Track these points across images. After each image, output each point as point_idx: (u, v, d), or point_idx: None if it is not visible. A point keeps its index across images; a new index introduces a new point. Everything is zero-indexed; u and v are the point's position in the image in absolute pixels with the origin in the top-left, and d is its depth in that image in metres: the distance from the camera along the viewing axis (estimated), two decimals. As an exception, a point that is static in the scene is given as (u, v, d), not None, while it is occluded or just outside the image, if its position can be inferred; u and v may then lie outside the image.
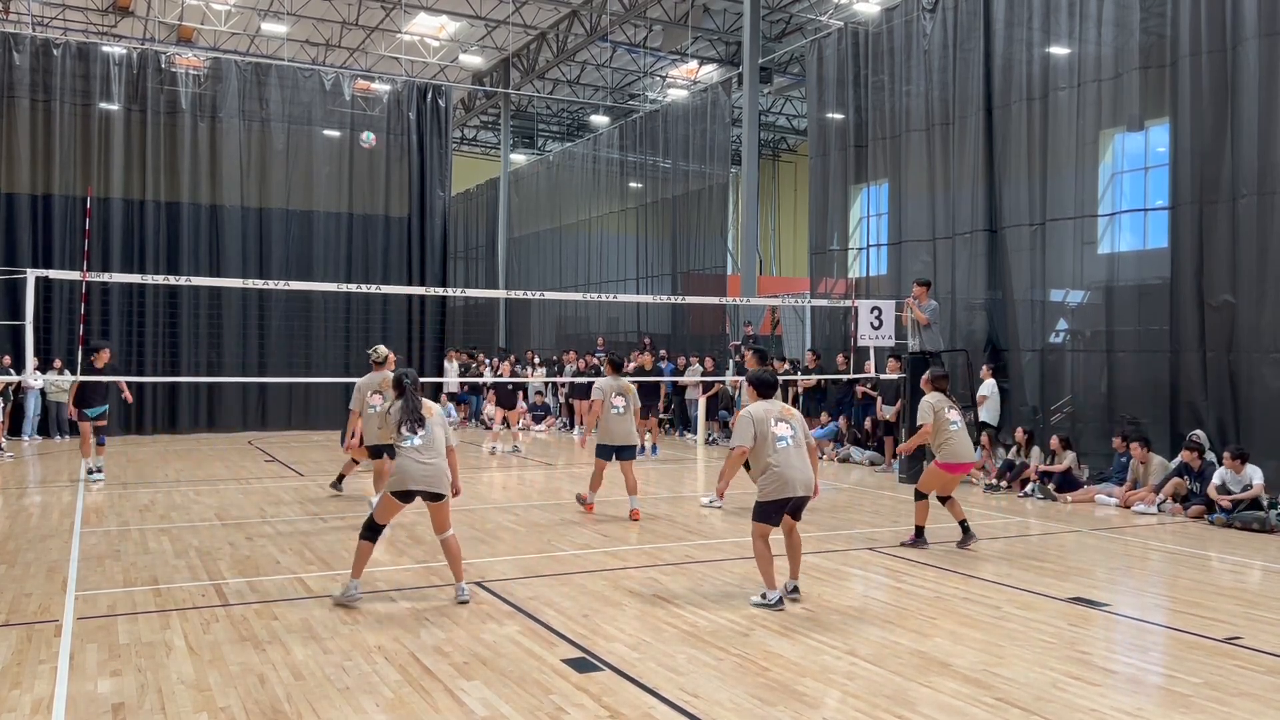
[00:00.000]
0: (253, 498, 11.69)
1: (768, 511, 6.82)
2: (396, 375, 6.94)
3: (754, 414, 6.84)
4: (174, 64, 20.24)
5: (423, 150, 22.37)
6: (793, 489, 6.74)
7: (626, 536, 9.53)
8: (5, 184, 18.75)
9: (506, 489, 12.93)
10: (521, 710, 4.83)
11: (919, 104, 16.31)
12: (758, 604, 6.75)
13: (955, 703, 5.00)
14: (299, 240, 21.17)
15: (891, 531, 9.94)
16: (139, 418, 19.54)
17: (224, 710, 4.79)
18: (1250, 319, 11.66)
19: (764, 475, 6.79)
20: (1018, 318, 14.52)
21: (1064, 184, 14.00)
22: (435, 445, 6.71)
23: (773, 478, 6.74)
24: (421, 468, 6.61)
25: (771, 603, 6.71)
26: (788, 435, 6.81)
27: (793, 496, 6.77)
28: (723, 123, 22.71)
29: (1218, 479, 10.66)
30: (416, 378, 6.97)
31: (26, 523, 9.85)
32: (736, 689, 5.17)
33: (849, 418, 16.51)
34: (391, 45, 28.92)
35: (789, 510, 6.88)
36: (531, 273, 31.62)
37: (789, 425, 6.86)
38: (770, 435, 6.76)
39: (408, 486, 6.59)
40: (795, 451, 6.80)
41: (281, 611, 6.50)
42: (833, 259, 18.43)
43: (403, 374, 6.88)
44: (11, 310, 15.31)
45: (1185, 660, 5.80)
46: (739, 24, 24.92)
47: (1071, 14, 13.83)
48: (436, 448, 6.71)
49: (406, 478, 6.58)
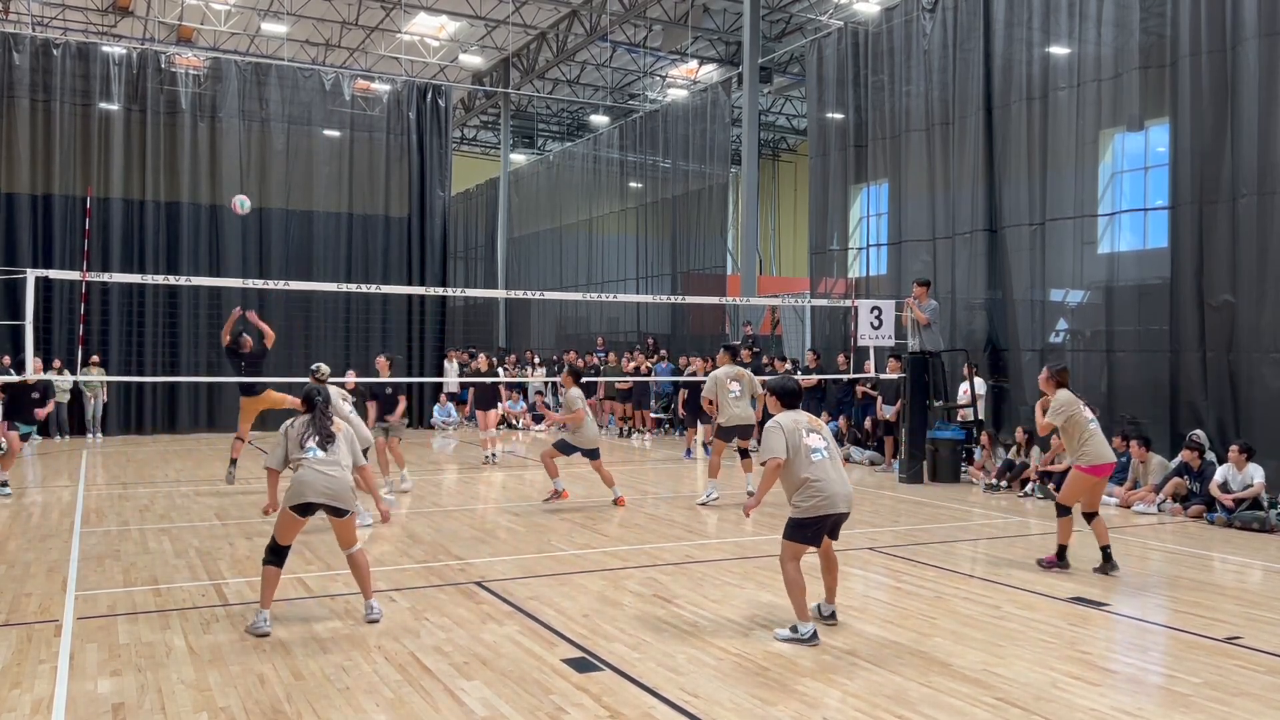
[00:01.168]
0: (253, 498, 11.69)
1: (805, 531, 6.10)
2: (307, 391, 6.55)
3: (783, 424, 6.20)
4: (174, 64, 20.23)
5: (423, 150, 22.36)
6: (834, 505, 6.09)
7: (626, 536, 9.53)
8: (5, 184, 18.73)
9: (506, 489, 12.93)
10: (521, 710, 4.83)
11: (919, 104, 16.31)
12: (786, 638, 6.00)
13: (955, 703, 5.01)
14: (299, 240, 21.14)
15: (891, 531, 9.95)
16: (139, 418, 19.55)
17: (224, 710, 4.79)
18: (1250, 319, 11.66)
19: (801, 491, 6.08)
20: (1018, 318, 14.52)
21: (1064, 184, 14.00)
22: (340, 460, 6.29)
23: (813, 492, 6.04)
24: (323, 479, 6.13)
25: (805, 637, 5.96)
26: (822, 447, 6.17)
27: (834, 513, 6.12)
28: (723, 123, 22.71)
29: (1220, 476, 10.66)
30: (328, 395, 6.65)
31: (26, 523, 9.85)
32: (736, 689, 5.17)
33: (849, 417, 16.51)
34: (391, 45, 28.92)
35: (829, 530, 6.24)
36: (531, 273, 31.62)
37: (820, 436, 6.24)
38: (804, 447, 6.11)
39: (306, 499, 6.11)
40: (832, 464, 6.17)
41: (281, 611, 6.50)
42: (833, 259, 18.43)
43: (314, 390, 6.54)
44: (11, 310, 15.30)
45: (1185, 660, 5.80)
46: (739, 24, 24.92)
47: (1071, 14, 13.83)
48: (341, 462, 6.30)
49: (305, 489, 6.10)
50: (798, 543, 6.11)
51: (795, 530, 6.12)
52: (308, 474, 6.15)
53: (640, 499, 11.74)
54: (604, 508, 10.91)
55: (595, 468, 11.13)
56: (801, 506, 6.09)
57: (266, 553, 6.23)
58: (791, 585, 6.07)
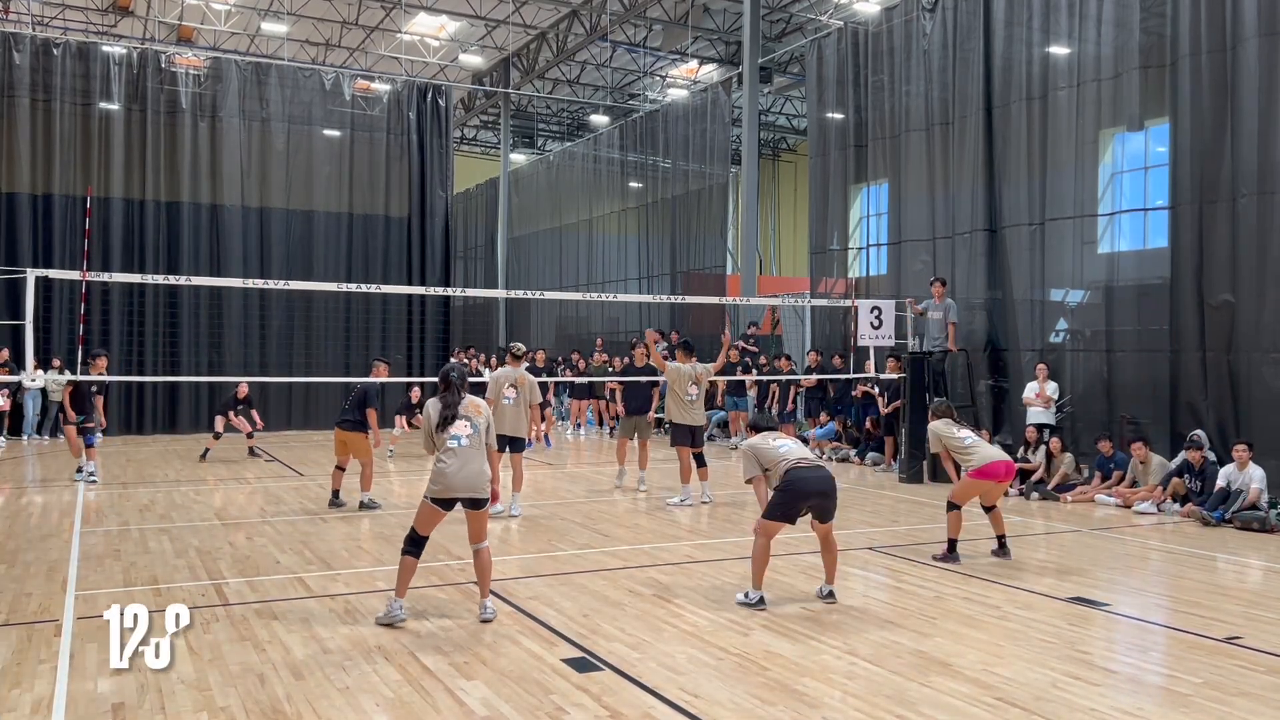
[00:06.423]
0: (253, 498, 11.70)
1: (775, 509, 6.75)
2: (444, 370, 6.51)
3: (754, 444, 7.05)
4: (174, 64, 20.23)
5: (423, 150, 22.36)
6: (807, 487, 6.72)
7: (626, 536, 9.53)
8: (5, 184, 18.74)
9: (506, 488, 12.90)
10: (521, 710, 4.83)
11: (919, 104, 16.30)
12: (740, 603, 6.77)
13: (955, 703, 5.01)
14: (299, 240, 21.15)
15: (891, 531, 9.95)
16: (139, 418, 19.55)
17: (224, 710, 4.79)
18: (1250, 319, 11.65)
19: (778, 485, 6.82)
20: (1018, 317, 14.51)
21: (1064, 184, 13.99)
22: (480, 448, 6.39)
23: (787, 484, 6.74)
24: (465, 472, 6.22)
25: (752, 602, 6.72)
26: (789, 443, 7.00)
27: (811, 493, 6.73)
28: (723, 122, 22.70)
29: (1222, 479, 10.64)
30: (464, 374, 6.54)
31: (26, 523, 9.85)
32: (736, 689, 5.17)
33: (847, 417, 16.52)
34: (391, 45, 28.91)
35: (816, 514, 6.84)
36: (531, 273, 31.61)
37: (786, 438, 7.08)
38: (776, 454, 6.88)
39: (451, 495, 6.25)
40: (800, 451, 6.95)
41: (281, 611, 6.50)
42: (833, 259, 18.43)
43: (450, 369, 6.49)
44: (11, 310, 15.29)
45: (1185, 660, 5.81)
46: (739, 24, 24.91)
47: (1071, 14, 13.82)
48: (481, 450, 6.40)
49: (450, 485, 6.22)
50: (772, 520, 6.77)
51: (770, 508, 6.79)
52: (451, 466, 6.22)
53: (641, 499, 11.74)
54: (604, 508, 10.89)
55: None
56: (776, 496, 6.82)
57: (406, 543, 6.32)
58: (756, 557, 6.80)
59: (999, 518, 8.69)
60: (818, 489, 6.76)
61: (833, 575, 7.01)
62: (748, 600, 6.76)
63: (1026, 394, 13.48)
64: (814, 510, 6.83)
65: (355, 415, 10.69)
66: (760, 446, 7.00)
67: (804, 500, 6.74)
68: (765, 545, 6.79)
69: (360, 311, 20.98)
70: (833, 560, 7.00)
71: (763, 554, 6.76)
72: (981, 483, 8.41)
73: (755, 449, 7.01)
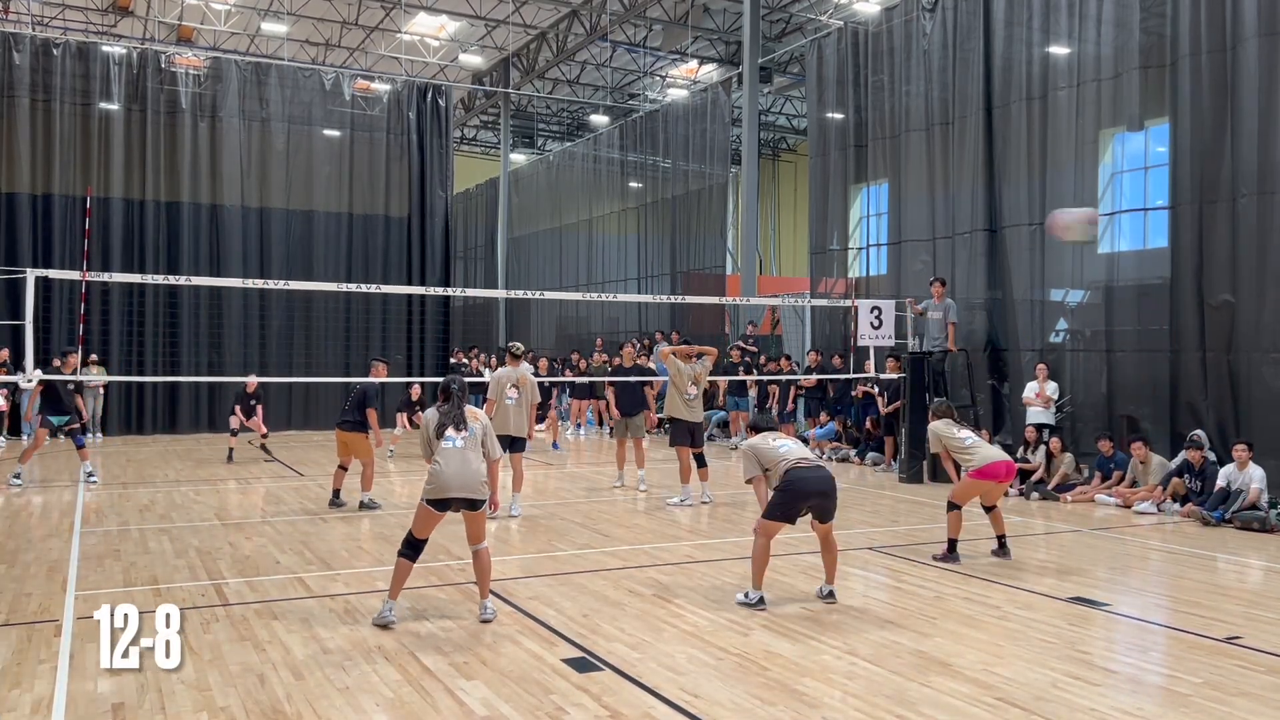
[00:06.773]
0: (253, 498, 11.70)
1: (775, 509, 6.74)
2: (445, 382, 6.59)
3: (754, 444, 7.06)
4: (174, 64, 20.22)
5: (423, 150, 22.35)
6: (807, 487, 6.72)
7: (626, 536, 9.53)
8: (5, 184, 18.72)
9: (506, 488, 12.91)
10: (521, 710, 4.83)
11: (919, 104, 16.30)
12: (740, 603, 6.78)
13: (955, 703, 5.01)
14: (299, 240, 21.13)
15: (891, 531, 9.95)
16: (139, 418, 19.54)
17: (224, 710, 4.79)
18: (1250, 319, 11.65)
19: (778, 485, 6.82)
20: (1018, 317, 14.51)
21: (1064, 184, 13.99)
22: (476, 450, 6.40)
23: (787, 483, 6.74)
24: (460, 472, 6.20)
25: (752, 602, 6.73)
26: (789, 443, 7.01)
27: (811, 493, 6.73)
28: (723, 122, 22.70)
29: (1222, 479, 10.64)
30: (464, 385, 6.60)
31: (26, 523, 9.85)
32: (736, 689, 5.17)
33: (847, 417, 16.52)
34: (391, 45, 28.92)
35: (816, 514, 6.84)
36: (531, 273, 31.61)
37: (787, 439, 7.09)
38: (776, 454, 6.89)
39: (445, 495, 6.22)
40: (800, 451, 6.95)
41: (281, 611, 6.50)
42: (833, 259, 18.43)
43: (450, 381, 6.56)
44: (12, 310, 15.29)
45: (1185, 660, 5.81)
46: (739, 24, 24.91)
47: (1071, 14, 13.82)
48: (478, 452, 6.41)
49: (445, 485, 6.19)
50: (771, 520, 6.76)
51: (769, 509, 6.80)
52: (446, 468, 6.21)
53: (640, 499, 11.74)
54: (604, 508, 10.90)
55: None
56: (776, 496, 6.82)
57: (403, 545, 6.30)
58: (756, 556, 6.80)
59: (999, 518, 8.70)
60: (818, 489, 6.76)
61: (833, 575, 7.03)
62: (748, 600, 6.77)
63: (1026, 394, 13.49)
64: (814, 510, 6.83)
65: (355, 416, 10.70)
66: (760, 446, 7.01)
67: (804, 500, 6.74)
68: (765, 545, 6.79)
69: (360, 311, 20.96)
70: (833, 560, 7.02)
71: (763, 554, 6.77)
72: (982, 483, 8.41)
73: (755, 449, 7.03)
